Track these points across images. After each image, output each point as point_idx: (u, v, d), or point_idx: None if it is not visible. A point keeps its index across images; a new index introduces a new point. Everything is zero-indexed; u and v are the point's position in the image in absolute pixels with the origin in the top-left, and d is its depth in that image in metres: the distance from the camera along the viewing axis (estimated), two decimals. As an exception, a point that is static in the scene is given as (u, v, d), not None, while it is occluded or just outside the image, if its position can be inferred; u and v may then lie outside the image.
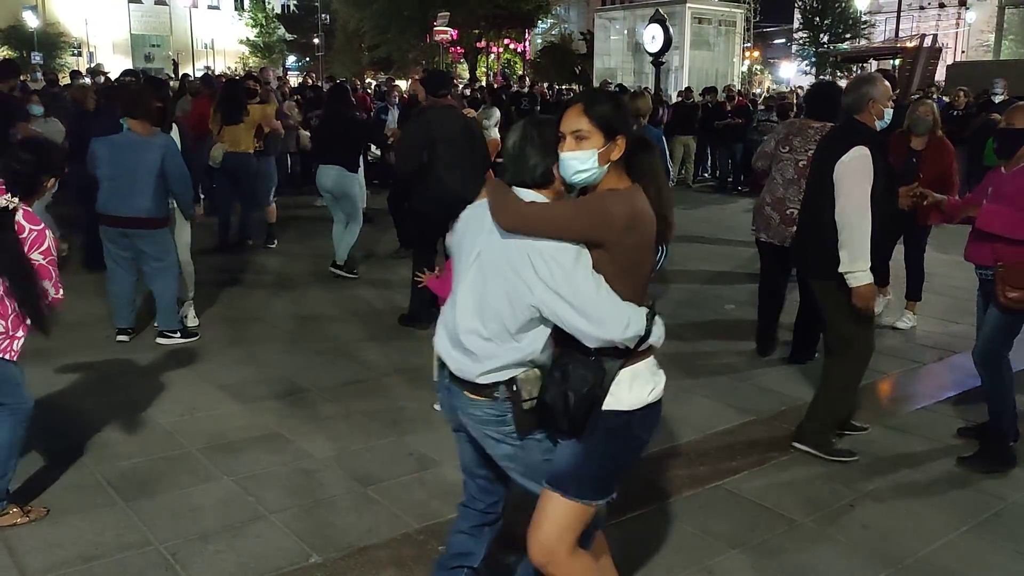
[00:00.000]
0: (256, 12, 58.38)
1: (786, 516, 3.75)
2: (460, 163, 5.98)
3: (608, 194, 2.35)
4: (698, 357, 5.90)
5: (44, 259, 3.35)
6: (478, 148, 6.19)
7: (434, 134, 6.05)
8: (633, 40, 26.70)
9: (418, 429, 4.58)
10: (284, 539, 3.47)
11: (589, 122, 2.33)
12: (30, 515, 3.54)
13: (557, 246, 2.28)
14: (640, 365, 2.42)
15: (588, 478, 2.45)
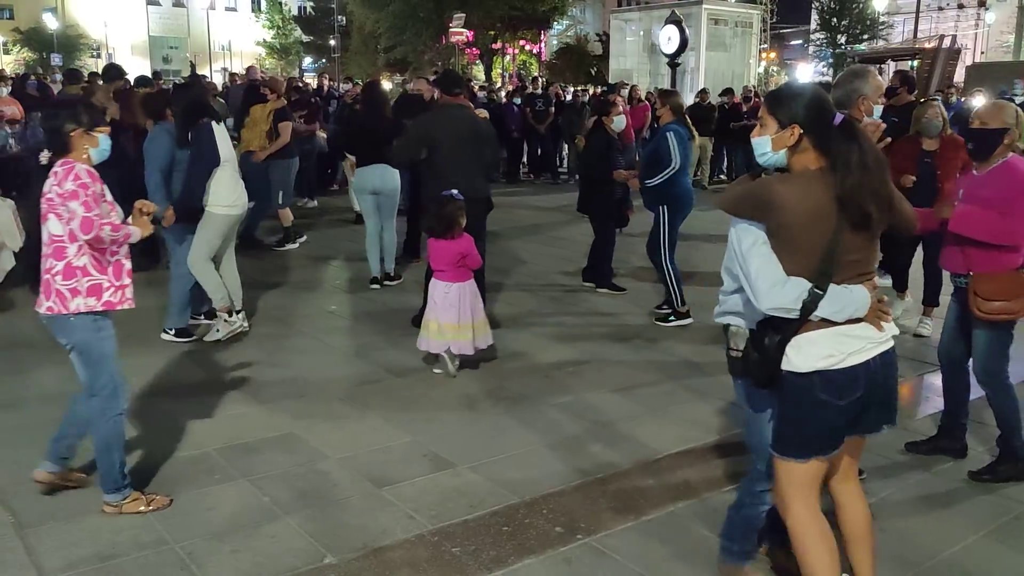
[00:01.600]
0: (273, 14, 58.64)
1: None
2: (464, 161, 6.02)
3: (772, 177, 2.70)
4: (713, 359, 5.86)
5: (74, 184, 3.43)
6: (486, 147, 6.19)
7: (436, 132, 6.08)
8: (649, 41, 26.57)
9: (433, 430, 4.59)
10: (298, 539, 3.48)
11: (766, 112, 2.69)
12: (153, 504, 3.67)
13: (745, 225, 2.67)
14: (815, 333, 2.62)
15: (783, 435, 2.76)
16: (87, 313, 3.48)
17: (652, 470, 4.18)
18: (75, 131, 3.53)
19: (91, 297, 3.48)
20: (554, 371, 5.57)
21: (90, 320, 3.50)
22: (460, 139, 6.06)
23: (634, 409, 4.96)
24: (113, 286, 3.54)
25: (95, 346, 3.54)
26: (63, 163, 3.51)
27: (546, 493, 3.91)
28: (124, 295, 3.58)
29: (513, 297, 7.38)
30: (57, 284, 3.45)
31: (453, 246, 5.25)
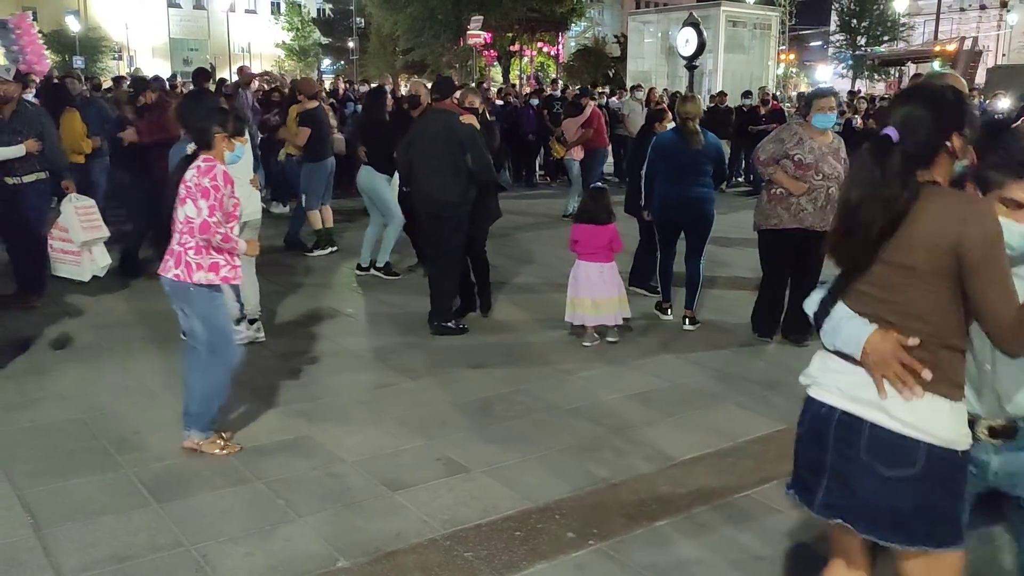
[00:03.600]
0: (292, 16, 58.98)
1: (820, 527, 3.71)
2: (438, 166, 6.21)
3: None
4: (730, 364, 5.85)
5: (209, 182, 4.02)
6: (467, 153, 6.21)
7: (413, 136, 6.34)
8: (667, 43, 26.53)
9: (447, 434, 4.60)
10: (312, 543, 3.50)
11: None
12: (228, 447, 4.24)
13: None
14: None
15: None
16: (206, 285, 4.10)
17: (666, 476, 4.17)
18: (219, 133, 4.15)
19: (211, 272, 4.11)
20: (569, 375, 5.57)
21: (207, 291, 4.13)
22: (433, 145, 6.23)
23: (649, 414, 4.95)
24: (229, 264, 4.18)
25: (211, 311, 4.17)
26: (207, 159, 4.11)
27: (559, 498, 3.91)
28: (237, 273, 4.22)
29: (527, 300, 7.38)
30: (187, 257, 4.08)
31: (606, 232, 6.07)
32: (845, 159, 5.86)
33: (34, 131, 6.41)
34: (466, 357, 5.86)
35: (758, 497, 3.97)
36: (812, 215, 5.87)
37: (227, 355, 4.26)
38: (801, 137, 5.91)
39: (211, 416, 4.27)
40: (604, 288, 6.09)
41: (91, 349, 5.84)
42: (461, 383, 5.40)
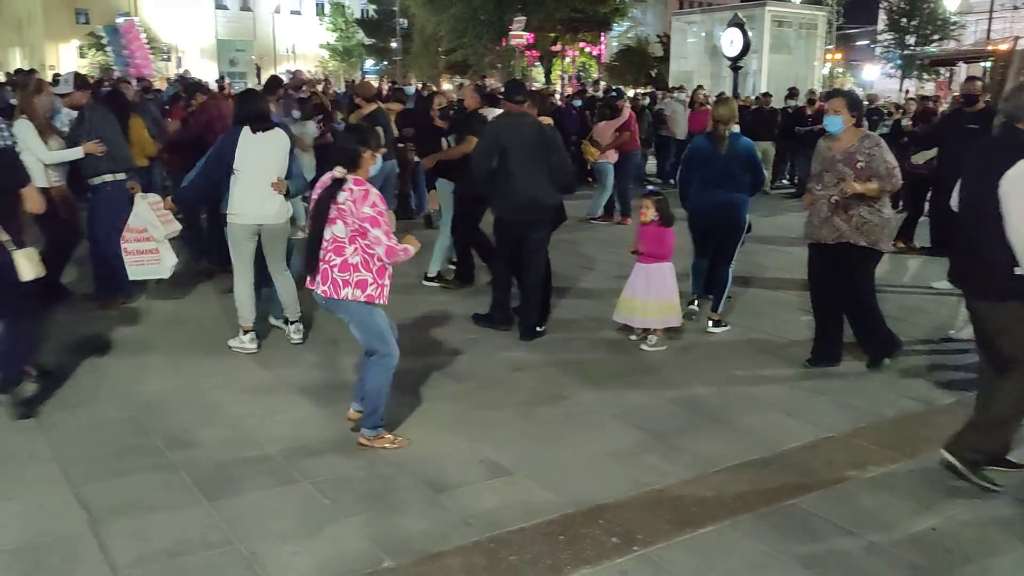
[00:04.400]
0: (336, 17, 59.52)
1: (864, 538, 3.67)
2: (531, 168, 6.18)
3: None
4: (772, 370, 5.80)
5: (372, 210, 4.13)
6: (552, 153, 6.22)
7: (504, 140, 6.22)
8: (711, 44, 26.31)
9: (491, 436, 4.63)
10: (358, 543, 3.55)
11: None
12: (396, 442, 4.44)
13: None
14: None
15: None
16: (357, 302, 4.23)
17: (710, 482, 4.15)
18: (366, 152, 4.24)
19: (357, 289, 4.20)
20: (611, 380, 5.56)
21: (364, 306, 4.27)
22: (527, 149, 6.18)
23: (692, 420, 4.93)
24: (376, 283, 4.25)
25: (368, 320, 4.32)
26: (357, 181, 4.18)
27: (602, 503, 3.91)
28: (383, 292, 4.30)
29: (574, 304, 7.38)
30: (333, 274, 4.20)
31: (667, 235, 6.12)
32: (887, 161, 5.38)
33: (96, 134, 6.58)
34: (507, 360, 5.88)
35: (804, 505, 3.93)
36: (815, 228, 5.60)
37: (386, 359, 4.37)
38: (820, 145, 5.70)
39: (379, 415, 4.43)
40: (659, 291, 6.10)
41: (144, 348, 5.97)
42: (503, 386, 5.42)
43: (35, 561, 3.34)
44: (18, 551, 3.40)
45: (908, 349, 6.08)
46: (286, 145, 5.84)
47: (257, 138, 5.71)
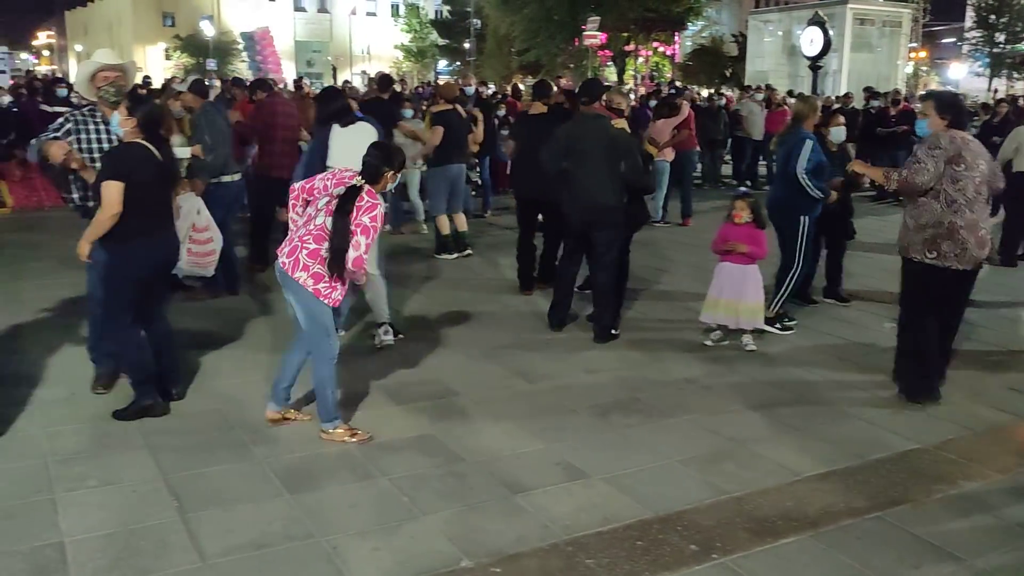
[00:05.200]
0: (411, 18, 60.26)
1: (954, 555, 3.55)
2: (594, 170, 6.20)
3: None
4: (854, 377, 5.66)
5: (371, 223, 4.24)
6: (623, 159, 6.19)
7: (570, 142, 6.29)
8: (789, 43, 25.83)
9: (566, 438, 4.62)
10: (436, 541, 3.58)
11: None
12: (356, 437, 4.48)
13: None
14: None
15: None
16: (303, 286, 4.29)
17: (791, 492, 4.07)
18: (388, 172, 4.42)
19: (311, 279, 4.27)
20: (688, 384, 5.50)
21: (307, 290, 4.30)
22: (591, 150, 6.19)
23: (771, 427, 4.84)
24: (330, 285, 4.31)
25: (314, 308, 4.33)
26: (371, 194, 4.30)
27: (680, 509, 3.87)
28: (331, 296, 4.33)
29: (649, 306, 7.33)
30: (301, 255, 4.28)
31: (759, 236, 6.08)
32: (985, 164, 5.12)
33: (203, 137, 6.85)
34: (583, 362, 5.87)
35: (890, 519, 3.82)
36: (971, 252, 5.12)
37: (326, 348, 4.43)
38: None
39: (329, 407, 4.50)
40: (754, 291, 6.08)
41: (228, 342, 6.14)
42: (578, 388, 5.41)
43: (128, 546, 3.46)
44: (113, 535, 3.53)
45: (1002, 362, 5.87)
46: (373, 135, 5.77)
47: (346, 131, 5.78)
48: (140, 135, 4.48)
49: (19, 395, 5.01)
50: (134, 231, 4.45)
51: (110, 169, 4.42)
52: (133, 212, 4.41)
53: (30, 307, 6.81)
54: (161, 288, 4.93)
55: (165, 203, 4.69)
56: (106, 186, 4.36)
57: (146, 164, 4.46)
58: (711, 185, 15.72)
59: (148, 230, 4.53)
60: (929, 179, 4.99)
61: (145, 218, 4.48)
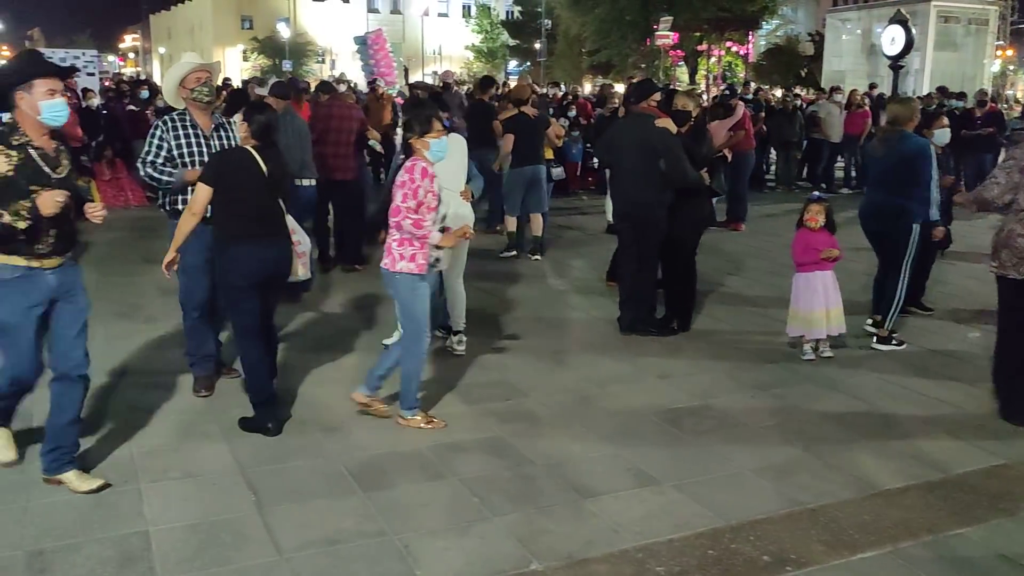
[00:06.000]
0: (482, 19, 60.62)
1: (1042, 577, 3.42)
2: (633, 169, 6.27)
3: None
4: (940, 389, 5.48)
5: (407, 176, 4.47)
6: (663, 159, 6.14)
7: (615, 140, 6.43)
8: (868, 42, 25.14)
9: (636, 444, 4.59)
10: (506, 543, 3.60)
11: None
12: (431, 425, 4.70)
13: None
14: None
15: None
16: (407, 273, 4.54)
17: (869, 505, 3.97)
18: (411, 138, 4.61)
19: (411, 263, 4.53)
20: (760, 391, 5.41)
21: (408, 278, 4.56)
22: (629, 148, 6.28)
23: (848, 437, 4.72)
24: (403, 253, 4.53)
25: (410, 299, 4.60)
26: (413, 159, 4.57)
27: (753, 519, 3.81)
28: (421, 265, 4.54)
29: (717, 311, 7.23)
30: (393, 249, 4.56)
31: (833, 242, 5.98)
32: None
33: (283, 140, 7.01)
34: (654, 367, 5.82)
35: (973, 537, 3.70)
36: None
37: (418, 344, 4.64)
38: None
39: (412, 396, 4.71)
40: (835, 298, 5.97)
41: (297, 342, 6.27)
42: (649, 393, 5.37)
43: (208, 538, 3.56)
44: (194, 527, 3.64)
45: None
46: (463, 147, 5.81)
47: None
48: (252, 141, 4.52)
49: (105, 386, 5.21)
50: (236, 235, 4.46)
51: (204, 173, 4.52)
52: (233, 217, 4.47)
53: (115, 304, 7.07)
54: (273, 298, 4.82)
55: (270, 209, 4.60)
56: (197, 188, 4.48)
57: (245, 170, 4.46)
58: (785, 188, 15.43)
59: (252, 235, 4.48)
60: (1000, 193, 4.88)
61: (247, 223, 4.47)
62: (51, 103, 3.67)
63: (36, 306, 3.74)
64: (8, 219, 3.54)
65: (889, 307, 6.29)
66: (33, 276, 3.71)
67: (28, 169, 3.63)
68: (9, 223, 3.54)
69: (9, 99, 3.69)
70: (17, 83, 3.66)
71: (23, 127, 3.68)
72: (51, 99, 3.67)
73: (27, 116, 3.68)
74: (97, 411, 4.81)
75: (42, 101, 3.65)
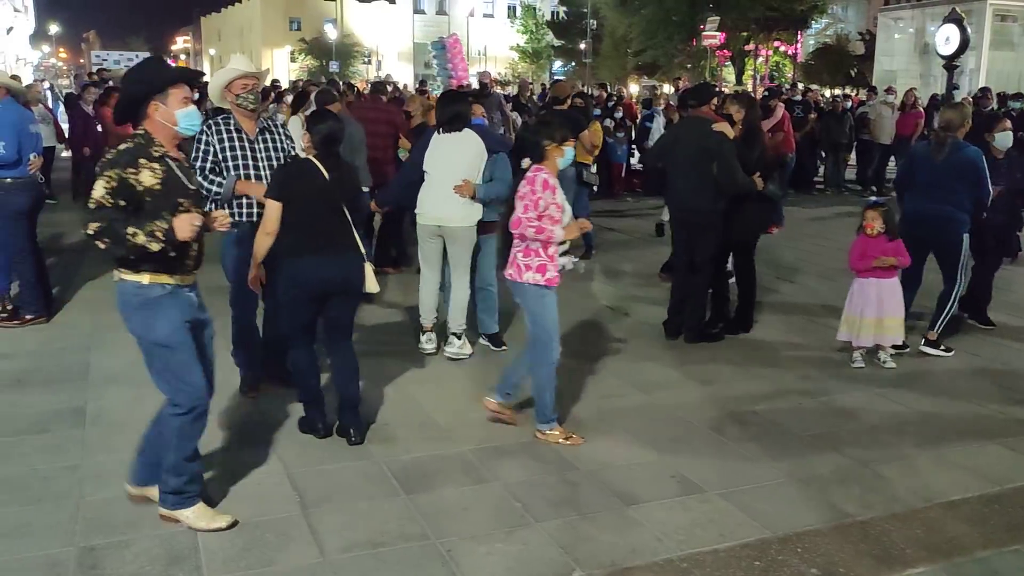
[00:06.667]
0: (527, 19, 60.58)
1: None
2: (687, 172, 6.26)
3: None
4: (996, 402, 5.34)
5: (528, 188, 4.43)
6: (712, 159, 6.09)
7: (667, 143, 6.46)
8: (922, 41, 24.67)
9: (681, 451, 4.54)
10: (549, 549, 3.57)
11: None
12: (570, 440, 4.58)
13: None
14: None
15: None
16: (535, 285, 4.49)
17: (921, 518, 3.87)
18: (549, 145, 4.50)
19: (537, 273, 4.49)
20: (808, 399, 5.32)
21: (535, 288, 4.51)
22: (685, 151, 6.27)
23: (899, 448, 4.62)
24: (534, 265, 4.50)
25: (539, 309, 4.55)
26: (535, 169, 4.49)
27: (800, 531, 3.74)
28: (546, 276, 4.52)
29: (766, 316, 7.12)
30: (518, 259, 4.53)
31: (896, 248, 5.81)
32: None
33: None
34: (699, 372, 5.76)
35: (1031, 554, 3.59)
36: None
37: (547, 353, 4.57)
38: None
39: (547, 409, 4.62)
40: (891, 306, 5.81)
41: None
42: (694, 398, 5.31)
43: (253, 538, 3.60)
44: (240, 527, 3.67)
45: None
46: (477, 147, 5.73)
47: (446, 138, 5.72)
48: (314, 151, 4.42)
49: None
50: (299, 248, 4.35)
51: (271, 188, 4.47)
52: (296, 228, 4.35)
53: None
54: (340, 313, 4.57)
55: (335, 221, 4.43)
56: (266, 205, 4.43)
57: (308, 181, 4.36)
58: (834, 190, 15.20)
59: (315, 249, 4.34)
60: None
61: (311, 236, 4.35)
62: (187, 112, 3.52)
63: (187, 322, 3.58)
64: (142, 240, 3.31)
65: (941, 313, 6.16)
66: (178, 293, 3.55)
67: (171, 182, 3.47)
68: (143, 244, 3.33)
69: (141, 110, 3.50)
70: (152, 92, 3.47)
71: (158, 138, 3.48)
72: (187, 107, 3.52)
73: (161, 127, 3.49)
74: (144, 409, 4.89)
75: (178, 110, 3.49)
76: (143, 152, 3.42)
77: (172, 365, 3.55)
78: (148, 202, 3.38)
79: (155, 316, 3.48)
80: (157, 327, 3.49)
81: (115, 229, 3.29)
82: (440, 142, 5.76)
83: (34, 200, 6.60)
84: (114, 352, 5.87)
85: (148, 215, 3.36)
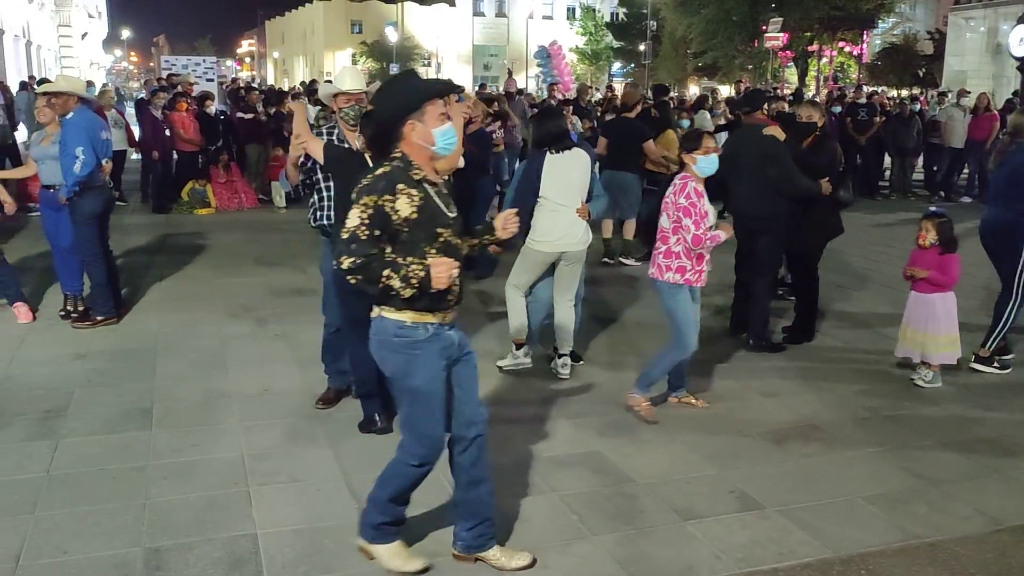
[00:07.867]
0: (586, 21, 60.43)
1: None
2: (746, 179, 6.21)
3: None
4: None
5: (686, 201, 4.77)
6: (768, 165, 6.02)
7: (730, 151, 6.37)
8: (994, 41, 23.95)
9: (740, 465, 4.47)
10: (606, 564, 3.55)
11: None
12: (645, 411, 4.99)
13: None
14: None
15: None
16: (672, 284, 4.87)
17: (993, 542, 3.75)
18: (687, 156, 4.85)
19: (676, 273, 4.87)
20: (872, 414, 5.19)
21: (671, 287, 4.89)
22: (743, 159, 6.22)
23: (969, 468, 4.48)
24: (694, 269, 4.88)
25: (675, 306, 4.92)
26: (682, 176, 4.86)
27: (864, 551, 3.65)
28: (700, 277, 4.93)
29: (828, 327, 6.98)
30: (659, 260, 4.92)
31: (954, 260, 5.62)
32: None
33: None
34: (759, 384, 5.66)
35: (1109, 583, 3.45)
36: None
37: (681, 345, 4.95)
38: None
39: (648, 379, 5.05)
40: (936, 323, 5.58)
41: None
42: (754, 412, 5.22)
43: (313, 544, 3.65)
44: (299, 532, 3.73)
45: None
46: (587, 163, 5.55)
47: (559, 159, 5.46)
48: (369, 151, 4.31)
49: (216, 387, 5.41)
50: None
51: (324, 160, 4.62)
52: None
53: (227, 304, 7.34)
54: None
55: None
56: (312, 151, 4.60)
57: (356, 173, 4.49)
58: (900, 195, 14.83)
59: None
60: None
61: None
62: (444, 130, 3.17)
63: (446, 367, 3.29)
64: (397, 284, 3.05)
65: (995, 328, 5.96)
66: (440, 333, 3.24)
67: (429, 209, 3.13)
68: (398, 289, 3.07)
69: (397, 131, 3.17)
70: (409, 111, 3.15)
71: (416, 161, 3.16)
72: (443, 125, 3.18)
73: (419, 148, 3.16)
74: (210, 409, 5.01)
75: (435, 129, 3.16)
76: (402, 176, 3.10)
77: (419, 413, 3.29)
78: (405, 233, 3.10)
79: (416, 361, 3.20)
80: (416, 373, 3.21)
81: (371, 268, 3.05)
82: (554, 163, 5.46)
83: (105, 204, 6.80)
84: (181, 354, 6.02)
85: (404, 247, 3.11)
